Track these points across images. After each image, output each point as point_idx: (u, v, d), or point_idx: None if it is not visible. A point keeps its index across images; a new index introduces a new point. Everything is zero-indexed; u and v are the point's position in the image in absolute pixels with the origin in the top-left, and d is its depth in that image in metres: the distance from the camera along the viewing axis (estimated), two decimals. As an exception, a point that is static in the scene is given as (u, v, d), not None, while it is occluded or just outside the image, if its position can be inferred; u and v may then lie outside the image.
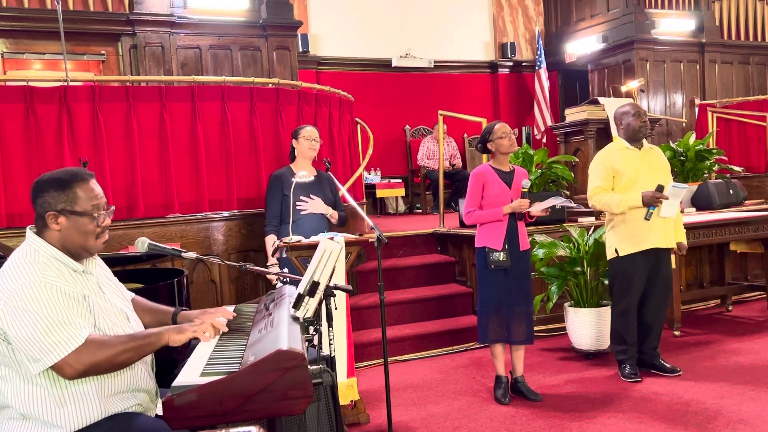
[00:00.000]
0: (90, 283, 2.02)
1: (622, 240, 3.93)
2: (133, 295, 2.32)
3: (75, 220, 1.97)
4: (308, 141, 4.05)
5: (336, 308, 2.31)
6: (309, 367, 1.74)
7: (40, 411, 1.86)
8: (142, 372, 2.06)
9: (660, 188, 3.79)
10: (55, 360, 1.80)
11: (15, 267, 1.89)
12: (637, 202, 3.81)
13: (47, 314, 1.81)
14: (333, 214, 4.06)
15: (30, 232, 2.00)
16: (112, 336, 1.94)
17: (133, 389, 2.01)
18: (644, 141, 4.01)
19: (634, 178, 3.88)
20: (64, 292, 1.87)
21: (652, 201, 3.78)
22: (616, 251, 3.95)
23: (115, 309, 2.06)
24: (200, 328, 2.04)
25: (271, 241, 3.96)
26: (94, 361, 1.83)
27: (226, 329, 2.11)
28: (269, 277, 3.94)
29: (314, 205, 3.98)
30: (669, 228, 3.94)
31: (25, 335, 1.79)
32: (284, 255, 3.58)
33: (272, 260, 3.91)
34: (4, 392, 1.88)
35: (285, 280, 2.74)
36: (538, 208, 3.64)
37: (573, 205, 4.50)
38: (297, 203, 3.96)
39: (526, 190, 3.68)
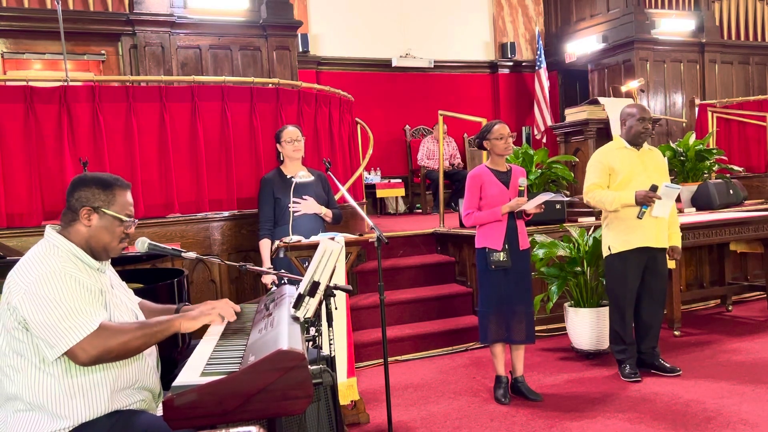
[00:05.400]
0: (104, 281, 2.08)
1: (615, 238, 3.96)
2: (138, 298, 2.35)
3: (107, 219, 2.06)
4: (291, 143, 3.98)
5: (336, 308, 2.31)
6: (309, 367, 1.74)
7: (49, 401, 1.90)
8: (150, 369, 2.10)
9: (654, 188, 3.80)
10: (70, 344, 1.85)
11: (35, 258, 1.96)
12: (630, 200, 3.82)
13: (65, 301, 1.87)
14: (327, 213, 4.01)
15: (50, 230, 2.06)
16: (125, 323, 2.01)
17: (139, 386, 2.06)
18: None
19: (629, 177, 3.90)
20: (82, 283, 1.94)
21: (645, 200, 3.79)
22: (609, 249, 3.98)
23: (125, 307, 2.13)
24: (213, 313, 2.12)
25: (265, 245, 3.94)
26: (108, 347, 1.88)
27: (234, 318, 2.17)
28: (264, 281, 3.93)
29: (307, 206, 3.94)
30: (662, 228, 3.94)
31: (43, 321, 1.85)
32: (282, 255, 3.57)
33: (268, 264, 3.88)
34: (16, 382, 1.91)
35: (282, 281, 2.74)
36: (531, 205, 3.68)
37: (565, 198, 4.62)
38: (291, 204, 3.92)
39: (522, 188, 3.69)
